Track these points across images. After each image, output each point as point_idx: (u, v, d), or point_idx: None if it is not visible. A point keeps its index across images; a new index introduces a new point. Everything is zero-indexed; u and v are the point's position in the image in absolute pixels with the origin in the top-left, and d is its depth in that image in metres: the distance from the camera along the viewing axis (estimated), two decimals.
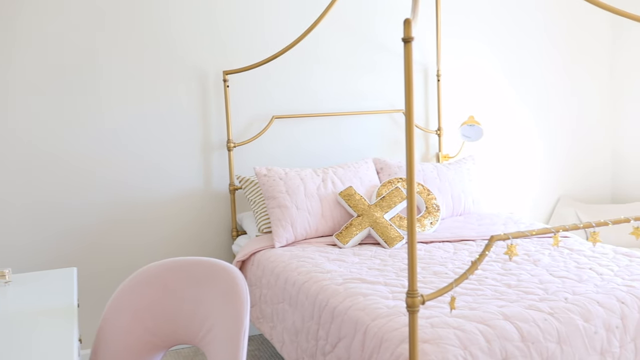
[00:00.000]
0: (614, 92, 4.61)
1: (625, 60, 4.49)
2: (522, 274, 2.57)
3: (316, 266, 2.79)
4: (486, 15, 4.16)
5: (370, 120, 3.93)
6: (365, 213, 3.20)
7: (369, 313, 2.21)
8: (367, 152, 3.91)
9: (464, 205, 3.66)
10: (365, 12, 3.85)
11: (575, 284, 2.42)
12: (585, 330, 2.12)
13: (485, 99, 4.21)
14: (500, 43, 4.23)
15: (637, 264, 2.65)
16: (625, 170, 4.60)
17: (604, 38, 4.56)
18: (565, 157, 4.53)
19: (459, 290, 2.35)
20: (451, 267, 2.72)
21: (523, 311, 2.13)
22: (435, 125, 4.09)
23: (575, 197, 4.58)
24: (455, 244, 3.13)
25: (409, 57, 1.67)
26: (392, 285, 2.48)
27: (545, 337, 2.05)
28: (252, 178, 3.53)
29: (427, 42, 4.01)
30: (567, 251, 2.91)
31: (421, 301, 1.82)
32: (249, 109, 3.66)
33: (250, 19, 3.61)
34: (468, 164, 3.80)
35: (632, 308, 2.23)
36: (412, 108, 1.69)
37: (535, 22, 4.31)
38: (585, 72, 4.53)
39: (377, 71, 3.91)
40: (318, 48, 3.76)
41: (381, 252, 3.04)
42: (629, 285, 2.37)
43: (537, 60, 4.35)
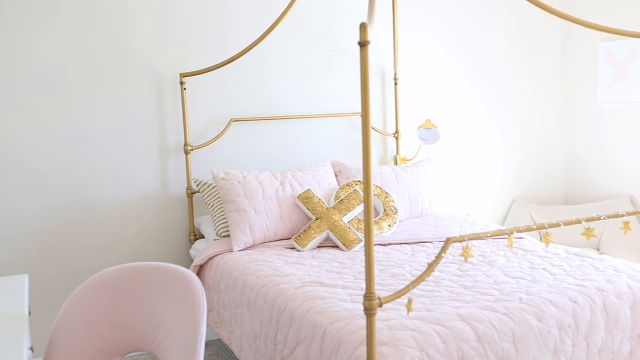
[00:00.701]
0: (566, 96, 4.73)
1: (575, 65, 4.61)
2: (477, 275, 2.61)
3: (275, 270, 2.77)
4: (443, 20, 4.22)
5: (329, 123, 3.94)
6: (324, 216, 3.20)
7: (327, 316, 2.21)
8: (326, 155, 3.92)
9: (421, 208, 3.69)
10: (323, 14, 3.85)
11: (529, 284, 2.47)
12: (539, 329, 2.16)
13: (442, 103, 4.27)
14: (457, 47, 4.29)
15: (589, 263, 2.72)
16: (577, 172, 4.72)
17: (555, 42, 4.67)
18: (520, 159, 4.62)
19: (416, 292, 2.37)
20: (409, 269, 2.74)
21: (479, 312, 2.16)
22: (393, 128, 4.13)
23: (529, 198, 4.68)
24: (413, 246, 3.16)
25: (365, 61, 1.68)
26: (351, 288, 2.48)
27: (500, 337, 2.09)
28: (209, 181, 3.49)
29: (385, 46, 4.04)
30: (522, 252, 2.97)
31: (378, 304, 1.83)
32: (207, 111, 3.62)
33: (208, 20, 3.58)
34: (425, 167, 3.85)
35: (584, 307, 2.29)
36: (368, 111, 1.69)
37: (491, 27, 4.39)
38: (538, 77, 4.63)
39: (336, 74, 3.92)
40: (277, 51, 3.75)
41: (340, 255, 3.04)
42: (580, 284, 2.43)
43: (493, 65, 4.43)
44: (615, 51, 4.27)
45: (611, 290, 2.39)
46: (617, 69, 4.27)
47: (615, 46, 4.26)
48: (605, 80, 4.37)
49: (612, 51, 4.29)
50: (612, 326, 2.33)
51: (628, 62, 4.19)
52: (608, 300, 2.34)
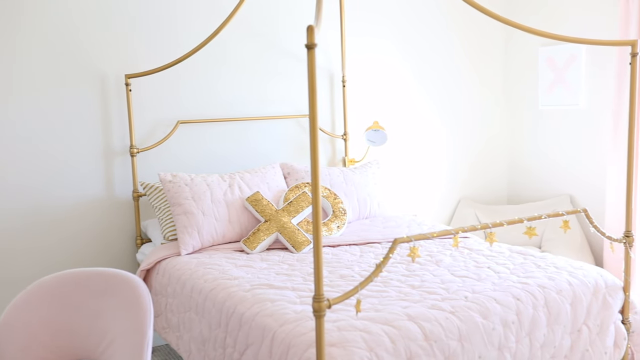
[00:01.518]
0: (509, 99, 4.86)
1: (517, 69, 4.75)
2: (425, 275, 2.65)
3: (223, 273, 2.75)
4: (390, 24, 4.27)
5: (278, 125, 3.93)
6: (273, 218, 3.19)
7: (276, 319, 2.20)
8: (275, 157, 3.91)
9: (369, 209, 3.73)
10: (273, 17, 3.84)
11: (474, 282, 2.52)
12: (484, 327, 2.21)
13: (390, 105, 4.32)
14: (404, 50, 4.35)
15: (531, 262, 2.80)
16: (520, 173, 4.86)
17: (498, 46, 4.79)
18: (465, 160, 4.72)
19: (365, 293, 2.39)
20: (357, 269, 2.76)
21: (426, 311, 2.19)
22: (341, 130, 4.15)
23: (474, 198, 4.78)
24: (362, 247, 3.18)
25: (312, 63, 1.68)
26: (300, 290, 2.48)
27: (447, 335, 2.13)
28: (156, 184, 3.43)
29: (333, 48, 4.07)
30: (467, 251, 3.03)
31: (327, 305, 1.84)
32: (154, 113, 3.56)
33: (155, 21, 3.51)
34: (373, 168, 3.88)
35: (527, 304, 2.36)
36: (315, 113, 1.70)
37: (437, 31, 4.47)
38: (482, 80, 4.75)
39: (285, 76, 3.92)
40: (226, 52, 3.72)
41: (289, 257, 3.04)
42: (523, 282, 2.50)
43: (439, 68, 4.52)
44: (554, 56, 4.42)
45: (552, 287, 2.47)
46: (556, 73, 4.41)
47: (555, 51, 4.41)
48: (545, 83, 4.51)
49: (551, 56, 4.43)
50: (554, 322, 2.41)
51: (566, 66, 4.34)
52: (549, 297, 2.42)
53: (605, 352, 2.54)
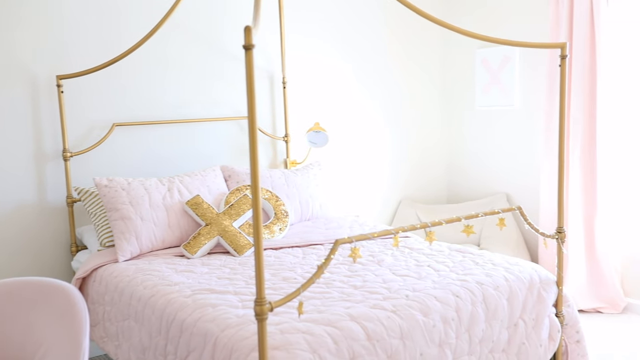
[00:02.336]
0: (447, 100, 4.96)
1: (455, 70, 4.85)
2: (367, 275, 2.66)
3: (163, 279, 2.69)
4: (331, 26, 4.29)
5: (219, 127, 3.88)
6: (214, 222, 3.15)
7: (218, 324, 2.17)
8: (216, 160, 3.86)
9: (311, 210, 3.73)
10: (212, 17, 3.79)
11: (415, 281, 2.55)
12: (424, 324, 2.25)
13: (331, 106, 4.33)
14: (345, 52, 4.37)
15: (469, 259, 2.86)
16: (458, 172, 4.97)
17: (435, 48, 4.89)
18: (406, 160, 4.79)
19: (308, 295, 2.38)
20: (300, 271, 2.76)
21: (368, 311, 2.21)
22: (282, 132, 4.13)
23: (415, 198, 4.86)
24: (304, 249, 3.18)
25: (250, 65, 1.66)
26: (242, 294, 2.46)
27: (389, 334, 2.15)
28: (92, 189, 3.33)
29: (273, 49, 4.05)
30: (408, 250, 3.08)
31: (269, 308, 1.82)
32: (88, 116, 3.45)
33: (91, 22, 3.40)
34: (315, 170, 3.89)
35: (466, 300, 2.40)
36: (254, 115, 1.68)
37: (378, 32, 4.52)
38: (421, 81, 4.83)
39: (224, 77, 3.87)
40: (164, 53, 3.64)
41: (231, 261, 3.01)
42: (462, 279, 2.55)
43: (379, 69, 4.56)
44: (489, 58, 4.54)
45: (490, 283, 2.53)
46: (492, 75, 4.53)
47: (490, 53, 4.53)
48: (482, 85, 4.62)
49: (487, 57, 4.56)
50: (492, 317, 2.46)
51: (501, 68, 4.46)
52: (487, 293, 2.48)
53: (540, 344, 2.62)
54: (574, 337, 2.77)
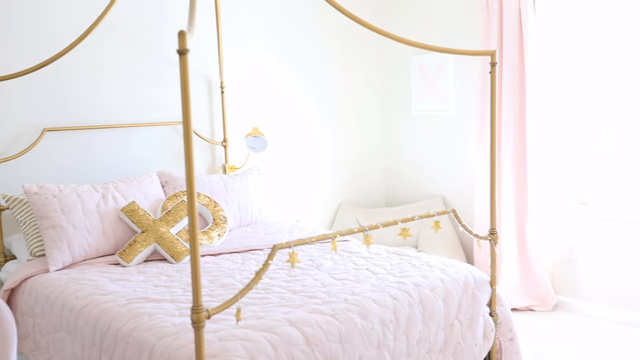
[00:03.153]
0: (384, 105, 5.04)
1: (391, 76, 4.94)
2: (306, 279, 2.67)
3: (97, 288, 2.61)
4: (269, 30, 4.28)
5: (155, 132, 3.80)
6: (150, 228, 3.09)
7: (154, 333, 2.12)
8: (152, 166, 3.78)
9: (251, 216, 3.71)
10: (147, 21, 3.72)
11: (354, 284, 2.58)
12: (363, 327, 2.27)
13: (270, 111, 4.33)
14: (283, 58, 4.38)
15: (407, 261, 2.91)
16: (396, 176, 5.05)
17: (372, 54, 4.96)
18: (345, 164, 4.83)
19: (246, 301, 2.37)
20: (239, 277, 2.74)
21: (307, 315, 2.21)
22: (221, 137, 4.10)
23: (354, 202, 4.91)
24: (244, 255, 3.16)
25: (184, 69, 1.64)
26: (179, 302, 2.42)
27: (328, 338, 2.16)
28: (21, 197, 3.20)
29: (210, 54, 4.01)
30: (347, 254, 3.10)
31: (207, 316, 1.80)
32: (17, 120, 3.31)
33: (18, 21, 3.28)
34: (254, 175, 3.87)
35: (403, 302, 2.44)
36: (189, 120, 1.66)
37: (316, 39, 4.54)
38: (359, 86, 4.89)
39: (162, 82, 3.80)
40: (98, 57, 3.54)
41: (168, 268, 2.95)
42: (399, 282, 2.59)
43: (318, 74, 4.59)
44: (425, 64, 4.64)
45: (426, 285, 2.58)
46: (427, 81, 4.63)
47: (425, 59, 4.63)
48: (418, 90, 4.72)
49: (422, 64, 4.65)
50: (428, 318, 2.51)
51: (436, 74, 4.57)
52: (424, 295, 2.53)
53: (475, 343, 2.69)
54: (507, 335, 2.86)
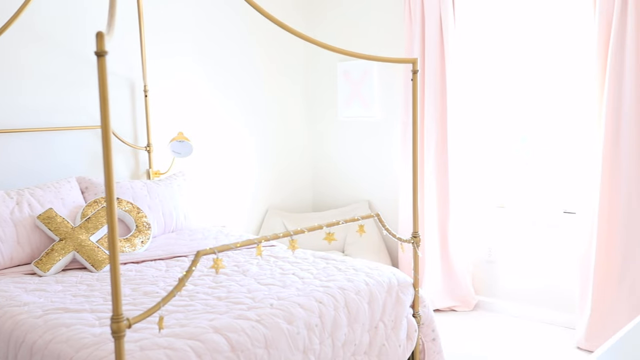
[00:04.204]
0: (311, 111, 5.07)
1: (318, 82, 4.98)
2: (232, 285, 2.65)
3: (11, 299, 2.49)
4: (194, 33, 4.23)
5: (75, 136, 3.67)
6: (69, 236, 2.98)
7: (72, 345, 2.05)
8: (72, 171, 3.65)
9: (175, 222, 3.64)
10: (66, 22, 3.58)
11: (280, 289, 2.58)
12: (289, 332, 2.27)
13: (195, 116, 4.27)
14: (208, 62, 4.33)
15: (333, 265, 2.94)
16: (323, 181, 5.09)
17: (299, 60, 4.99)
18: (272, 170, 4.82)
19: (170, 309, 2.32)
20: (163, 285, 2.68)
21: (232, 321, 2.19)
22: (144, 142, 4.00)
23: (282, 207, 4.91)
24: (168, 261, 3.10)
25: (102, 72, 1.60)
26: (99, 312, 2.34)
27: (253, 343, 2.15)
28: None
29: (134, 57, 3.91)
30: (273, 259, 3.10)
31: (127, 325, 1.75)
32: None
33: None
34: (179, 180, 3.81)
35: (328, 306, 2.46)
36: (108, 124, 1.61)
37: (242, 42, 4.52)
38: (286, 92, 4.90)
39: (81, 84, 3.67)
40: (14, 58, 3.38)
41: (88, 277, 2.86)
42: (325, 285, 2.61)
43: (244, 79, 4.56)
44: (350, 70, 4.70)
45: (351, 288, 2.61)
46: (353, 87, 4.70)
47: (351, 66, 4.70)
48: (344, 96, 4.78)
49: (348, 70, 4.72)
50: (354, 321, 2.55)
51: (361, 80, 4.64)
52: (349, 298, 2.56)
53: (399, 345, 2.74)
54: (430, 335, 2.93)
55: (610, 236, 3.40)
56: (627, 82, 3.27)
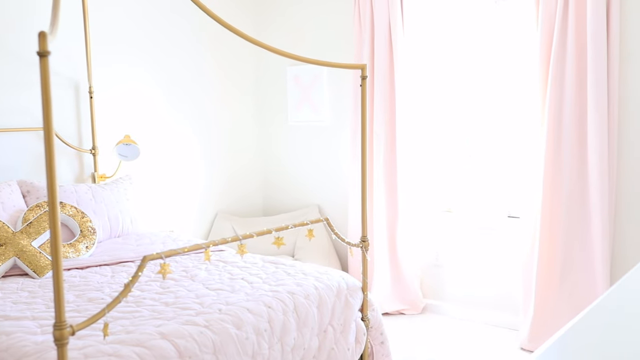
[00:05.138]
0: (261, 116, 5.06)
1: (268, 86, 4.97)
2: (179, 291, 2.61)
3: None
4: (141, 34, 4.16)
5: (16, 138, 3.55)
6: (9, 242, 2.88)
7: (13, 353, 1.99)
8: (13, 174, 3.53)
9: (122, 226, 3.57)
10: (9, 21, 3.48)
11: (228, 294, 2.56)
12: (237, 337, 2.26)
13: (142, 119, 4.19)
14: (157, 64, 4.26)
15: (282, 270, 2.94)
16: (274, 185, 5.08)
17: (249, 65, 4.97)
18: (221, 174, 4.78)
19: (116, 315, 2.28)
20: (108, 291, 2.62)
21: (180, 327, 2.16)
22: (90, 144, 3.91)
23: (231, 212, 4.87)
24: (114, 267, 3.03)
25: (45, 72, 1.56)
26: (42, 319, 2.28)
27: (201, 349, 2.12)
28: None
29: (79, 58, 3.82)
30: (222, 264, 3.07)
31: (71, 332, 1.71)
32: None
33: None
34: (125, 184, 3.73)
35: (277, 311, 2.46)
36: (50, 126, 1.57)
37: (191, 45, 4.47)
38: (236, 96, 4.87)
39: (24, 86, 3.56)
40: None
41: (30, 283, 2.77)
42: (274, 290, 2.60)
43: (193, 82, 4.52)
44: (300, 75, 4.72)
45: (300, 292, 2.62)
46: (303, 91, 4.72)
47: (301, 71, 4.71)
48: (294, 101, 4.79)
49: (298, 75, 4.73)
50: (303, 325, 2.55)
51: (311, 85, 4.66)
52: (298, 302, 2.56)
53: (348, 348, 2.76)
54: (378, 338, 2.96)
55: (551, 240, 3.51)
56: (568, 88, 3.39)
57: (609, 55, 3.30)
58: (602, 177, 3.31)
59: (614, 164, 3.37)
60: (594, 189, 3.34)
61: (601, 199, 3.31)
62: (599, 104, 3.28)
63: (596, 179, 3.32)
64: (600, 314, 1.32)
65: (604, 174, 3.31)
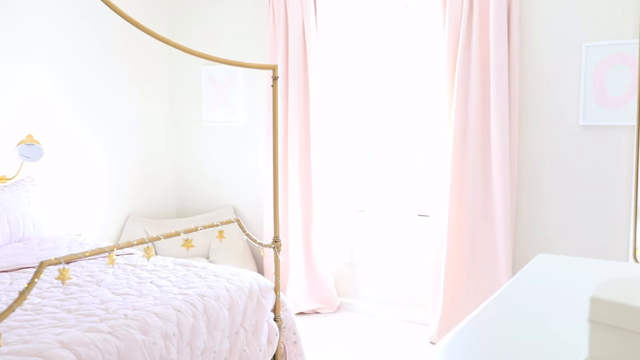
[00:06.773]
0: (175, 116, 4.96)
1: (182, 86, 4.88)
2: (83, 297, 2.52)
3: None
4: (46, 28, 3.97)
5: None
6: None
7: None
8: None
9: (23, 231, 3.40)
10: None
11: (135, 299, 2.49)
12: (144, 342, 2.19)
13: (47, 118, 4.01)
14: (63, 61, 4.08)
15: (193, 272, 2.89)
16: (188, 186, 4.99)
17: (162, 65, 4.86)
18: (133, 176, 4.64)
19: (11, 324, 2.16)
20: (5, 299, 2.49)
21: (82, 335, 2.08)
22: None
23: (143, 214, 4.74)
24: (12, 274, 2.88)
25: None
26: None
27: (105, 357, 2.05)
28: None
29: None
30: (131, 268, 2.98)
31: None
32: None
33: None
34: (27, 186, 3.56)
35: (187, 314, 2.41)
36: None
37: (96, 48, 4.31)
38: (148, 97, 4.75)
39: None
40: None
41: None
42: (184, 293, 2.55)
43: (102, 82, 4.36)
44: (215, 75, 4.66)
45: (211, 295, 2.58)
46: (218, 92, 4.66)
47: (215, 71, 4.65)
48: (209, 101, 4.72)
49: (212, 75, 4.67)
50: (213, 328, 2.51)
51: (226, 85, 4.62)
52: (208, 305, 2.52)
53: (260, 349, 2.75)
54: (291, 338, 2.97)
55: (458, 238, 3.64)
56: (472, 90, 3.52)
57: (509, 57, 3.45)
58: (505, 177, 3.46)
59: (515, 165, 3.53)
60: (496, 189, 3.49)
61: (503, 198, 3.46)
62: (500, 106, 3.43)
63: (499, 180, 3.47)
64: (498, 305, 1.40)
65: (506, 174, 3.46)
